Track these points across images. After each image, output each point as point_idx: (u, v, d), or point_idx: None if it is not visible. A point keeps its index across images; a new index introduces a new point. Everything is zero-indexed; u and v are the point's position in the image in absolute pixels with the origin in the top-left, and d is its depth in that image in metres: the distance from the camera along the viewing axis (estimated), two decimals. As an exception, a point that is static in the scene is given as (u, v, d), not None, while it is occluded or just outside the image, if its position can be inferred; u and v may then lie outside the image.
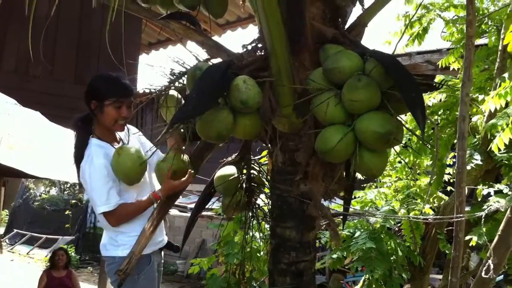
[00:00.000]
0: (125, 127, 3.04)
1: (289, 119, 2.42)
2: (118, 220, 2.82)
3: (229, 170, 2.96)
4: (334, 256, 3.97)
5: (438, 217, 3.64)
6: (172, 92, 2.70)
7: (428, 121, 3.76)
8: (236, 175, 2.94)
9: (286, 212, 2.56)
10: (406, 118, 3.63)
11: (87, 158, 2.91)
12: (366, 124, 2.15)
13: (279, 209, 2.59)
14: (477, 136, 3.86)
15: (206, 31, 2.85)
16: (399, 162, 4.34)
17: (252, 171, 3.03)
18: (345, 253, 3.90)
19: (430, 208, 4.07)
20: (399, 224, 4.37)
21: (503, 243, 2.89)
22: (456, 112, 3.81)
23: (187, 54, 2.63)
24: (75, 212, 18.24)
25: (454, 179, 2.97)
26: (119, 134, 3.10)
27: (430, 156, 4.09)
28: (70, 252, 13.23)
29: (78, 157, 2.95)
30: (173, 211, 10.33)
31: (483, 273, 2.70)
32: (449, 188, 4.34)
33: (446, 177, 4.14)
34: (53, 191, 21.19)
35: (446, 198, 4.14)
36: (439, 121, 4.02)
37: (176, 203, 2.73)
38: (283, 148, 2.52)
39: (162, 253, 3.29)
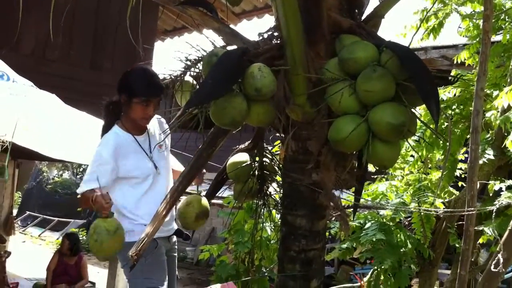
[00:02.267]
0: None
1: (303, 108, 2.42)
2: (80, 204, 2.94)
3: (242, 157, 2.99)
4: (344, 246, 3.99)
5: (449, 210, 3.64)
6: (188, 78, 2.72)
7: (442, 115, 3.76)
8: (248, 162, 2.97)
9: (297, 200, 2.57)
10: (420, 111, 3.63)
11: (101, 142, 2.97)
12: (380, 115, 2.15)
13: (290, 197, 2.61)
14: (490, 132, 3.85)
15: (222, 19, 2.85)
16: (412, 156, 4.34)
17: (264, 159, 3.05)
18: (354, 244, 3.91)
19: (441, 202, 4.07)
20: (409, 218, 4.38)
21: (513, 238, 2.89)
22: (470, 107, 3.80)
23: (203, 42, 2.65)
24: (87, 196, 18.32)
25: (466, 174, 2.97)
26: None
27: (442, 151, 4.08)
28: (81, 236, 13.37)
29: None
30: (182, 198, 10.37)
31: (492, 267, 2.70)
32: (460, 183, 4.34)
33: (457, 173, 4.14)
34: (66, 175, 21.35)
35: (457, 193, 4.14)
36: (452, 116, 4.02)
37: (187, 190, 2.77)
38: (296, 137, 2.53)
39: (175, 239, 3.33)
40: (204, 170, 3.20)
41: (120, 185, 3.03)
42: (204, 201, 3.06)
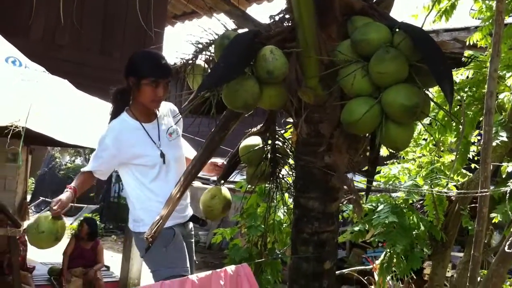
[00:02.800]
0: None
1: (315, 91, 2.42)
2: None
3: (254, 140, 2.99)
4: (356, 229, 3.99)
5: (462, 191, 3.63)
6: (199, 62, 2.72)
7: (455, 97, 3.74)
8: (261, 146, 2.97)
9: (309, 183, 2.58)
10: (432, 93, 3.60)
11: (107, 128, 2.99)
12: (393, 96, 2.15)
13: (303, 180, 2.62)
14: (503, 114, 3.83)
15: (233, 3, 2.84)
16: (424, 139, 4.31)
17: (276, 142, 3.06)
18: (367, 226, 3.92)
19: (454, 185, 4.06)
20: (421, 201, 4.37)
21: (527, 219, 2.88)
22: (483, 89, 3.77)
23: (213, 26, 2.64)
24: (99, 181, 18.43)
25: (478, 157, 2.96)
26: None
27: (455, 133, 4.06)
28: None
29: None
30: (196, 183, 10.41)
31: (506, 248, 2.70)
32: (473, 165, 4.32)
33: (470, 155, 4.12)
34: (78, 161, 21.49)
35: (470, 175, 4.12)
36: (465, 98, 3.99)
37: (199, 175, 2.80)
38: (308, 120, 2.53)
39: (191, 226, 3.34)
40: (224, 162, 3.23)
41: (129, 173, 3.05)
42: (226, 191, 3.11)
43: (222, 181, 3.19)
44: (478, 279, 2.98)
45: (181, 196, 2.54)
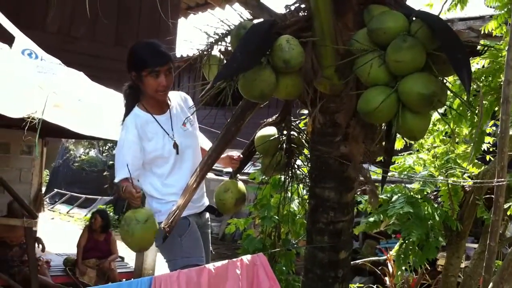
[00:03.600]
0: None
1: (331, 81, 2.42)
2: (119, 193, 2.90)
3: (270, 130, 2.99)
4: (371, 220, 3.99)
5: (478, 181, 3.62)
6: (215, 52, 2.72)
7: (473, 85, 3.71)
8: (276, 136, 2.98)
9: (325, 173, 2.58)
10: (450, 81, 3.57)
11: (123, 127, 3.00)
12: (410, 85, 2.14)
13: (318, 170, 2.62)
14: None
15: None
16: (436, 130, 4.29)
17: (292, 132, 3.06)
18: (381, 216, 3.92)
19: (468, 176, 4.04)
20: (435, 192, 4.35)
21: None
22: (499, 79, 3.74)
23: (228, 17, 2.64)
24: (113, 173, 18.53)
25: (493, 148, 2.94)
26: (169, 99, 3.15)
27: (470, 123, 4.03)
28: (109, 212, 13.56)
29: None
30: (209, 175, 10.43)
31: (522, 238, 2.69)
32: (488, 157, 4.29)
33: (484, 146, 4.09)
34: (92, 153, 21.59)
35: (485, 166, 4.10)
36: (480, 87, 3.96)
37: (217, 167, 2.82)
38: (324, 110, 2.53)
39: (207, 216, 3.36)
40: (241, 155, 3.22)
41: (145, 166, 3.05)
42: (241, 185, 3.10)
43: (238, 175, 3.18)
44: (494, 269, 2.98)
45: (197, 187, 2.56)
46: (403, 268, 3.98)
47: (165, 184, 3.04)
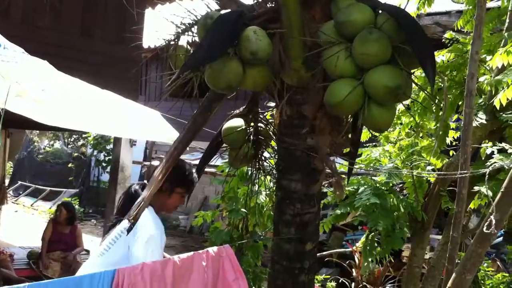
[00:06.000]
0: None
1: (298, 72, 2.42)
2: None
3: (237, 122, 2.98)
4: (338, 211, 4.03)
5: (442, 173, 3.68)
6: (182, 42, 2.70)
7: (437, 79, 3.75)
8: (243, 127, 2.96)
9: (292, 165, 2.59)
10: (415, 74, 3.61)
11: (144, 226, 2.86)
12: (376, 77, 2.15)
13: (285, 162, 2.63)
14: (483, 97, 3.87)
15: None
16: (401, 123, 4.34)
17: (259, 124, 3.05)
18: (348, 208, 3.95)
19: (432, 170, 4.10)
20: (401, 184, 4.41)
21: (505, 199, 2.93)
22: (463, 73, 3.80)
23: (195, 7, 2.61)
24: (78, 165, 18.34)
25: (456, 142, 2.98)
26: None
27: (434, 116, 4.08)
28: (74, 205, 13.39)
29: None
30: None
31: (484, 229, 2.75)
32: (451, 152, 4.37)
33: (448, 141, 4.15)
34: (57, 145, 21.25)
35: (448, 159, 4.16)
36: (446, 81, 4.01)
37: (181, 159, 2.79)
38: (291, 102, 2.53)
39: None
40: None
41: None
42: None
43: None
44: (457, 260, 3.03)
45: (163, 178, 2.53)
46: (370, 259, 4.03)
47: None
